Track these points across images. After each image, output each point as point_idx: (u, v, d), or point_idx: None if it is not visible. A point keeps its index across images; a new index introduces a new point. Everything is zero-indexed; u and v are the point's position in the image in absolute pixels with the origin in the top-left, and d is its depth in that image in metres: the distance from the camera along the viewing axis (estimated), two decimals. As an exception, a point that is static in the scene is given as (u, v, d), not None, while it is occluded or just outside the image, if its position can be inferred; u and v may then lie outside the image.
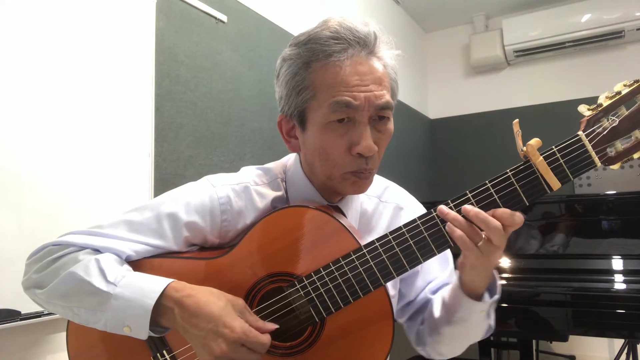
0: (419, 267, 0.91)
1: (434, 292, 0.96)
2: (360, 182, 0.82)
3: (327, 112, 0.78)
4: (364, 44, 0.79)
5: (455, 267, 0.82)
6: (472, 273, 0.77)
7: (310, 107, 0.80)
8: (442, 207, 0.73)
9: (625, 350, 2.59)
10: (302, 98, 0.80)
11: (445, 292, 0.88)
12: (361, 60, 0.78)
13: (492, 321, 0.87)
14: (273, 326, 0.76)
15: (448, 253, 0.96)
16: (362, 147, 0.78)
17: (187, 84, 1.81)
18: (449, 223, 0.73)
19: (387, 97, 0.79)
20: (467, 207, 0.72)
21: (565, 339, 2.08)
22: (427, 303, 0.96)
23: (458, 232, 0.71)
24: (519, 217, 0.71)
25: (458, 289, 0.81)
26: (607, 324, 1.90)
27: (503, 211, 0.71)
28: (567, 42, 3.55)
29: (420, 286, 0.96)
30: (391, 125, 0.83)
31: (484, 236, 0.71)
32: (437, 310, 0.89)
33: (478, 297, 0.80)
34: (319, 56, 0.78)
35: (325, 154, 0.81)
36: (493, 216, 0.70)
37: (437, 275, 0.97)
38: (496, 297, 0.82)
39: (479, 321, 0.84)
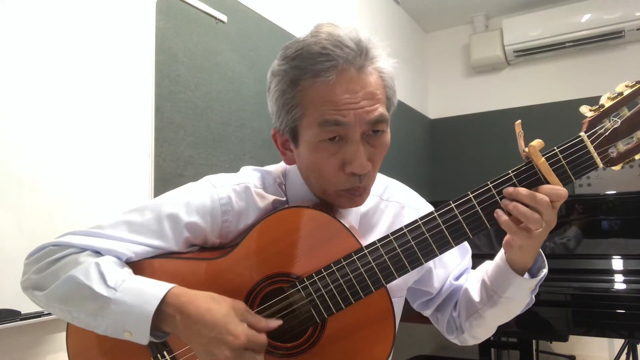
0: (433, 261, 0.92)
1: (457, 278, 0.97)
2: (355, 199, 0.81)
3: (317, 131, 0.76)
4: (354, 57, 0.75)
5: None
6: (521, 253, 0.77)
7: (301, 125, 0.78)
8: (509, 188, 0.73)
9: (625, 350, 2.59)
10: (292, 116, 0.78)
11: (484, 275, 0.88)
12: (351, 76, 0.74)
13: (534, 294, 0.87)
14: (277, 323, 0.76)
15: (465, 243, 0.96)
16: (355, 165, 0.76)
17: (187, 84, 1.81)
18: (497, 211, 0.72)
19: (381, 109, 0.76)
20: (509, 188, 0.72)
21: (565, 339, 2.08)
22: (454, 291, 0.97)
23: (503, 217, 0.72)
24: (563, 190, 0.71)
25: (506, 268, 0.81)
26: (607, 324, 1.90)
27: (549, 187, 0.71)
28: (567, 42, 3.55)
29: (443, 277, 0.97)
30: (387, 137, 0.81)
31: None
32: (476, 295, 0.89)
33: (524, 274, 0.81)
34: (306, 75, 0.75)
35: (318, 172, 0.79)
36: (539, 192, 0.71)
37: (458, 263, 0.98)
38: (545, 271, 0.82)
39: (524, 297, 0.84)
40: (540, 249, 0.81)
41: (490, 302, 0.86)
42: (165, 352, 0.82)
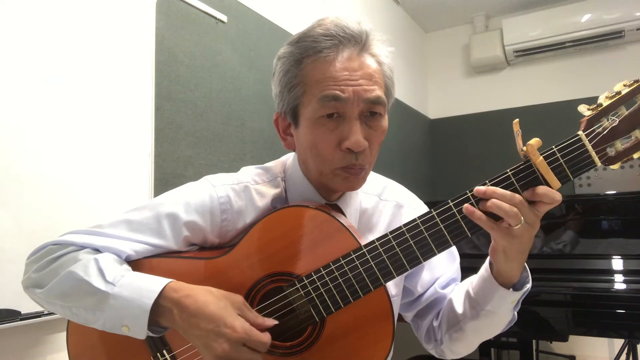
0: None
1: (444, 287, 0.96)
2: (351, 178, 0.81)
3: (317, 107, 0.78)
4: (356, 41, 0.79)
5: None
6: (505, 260, 0.77)
7: (302, 103, 0.81)
8: (479, 187, 0.73)
9: (625, 350, 2.59)
10: (294, 95, 0.81)
11: (469, 286, 0.87)
12: (352, 56, 0.79)
13: (516, 311, 0.86)
14: (272, 322, 0.76)
15: (454, 249, 0.96)
16: (351, 142, 0.77)
17: (187, 84, 1.81)
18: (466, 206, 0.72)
19: (378, 92, 0.79)
20: (480, 188, 0.72)
21: (565, 339, 2.08)
22: (438, 299, 0.96)
23: (478, 213, 0.72)
24: (558, 195, 0.70)
25: (491, 280, 0.80)
26: (607, 324, 1.90)
27: (545, 189, 0.70)
28: (567, 42, 3.55)
29: (428, 281, 0.96)
30: (384, 122, 0.83)
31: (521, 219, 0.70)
32: (459, 306, 0.88)
33: (509, 287, 0.80)
34: (309, 52, 0.79)
35: (316, 150, 0.81)
36: (535, 193, 0.70)
37: (444, 271, 0.97)
38: (528, 285, 0.81)
39: (507, 312, 0.83)
40: (526, 264, 0.80)
41: (472, 313, 0.85)
42: (164, 351, 0.83)
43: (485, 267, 0.83)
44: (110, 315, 0.74)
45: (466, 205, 0.73)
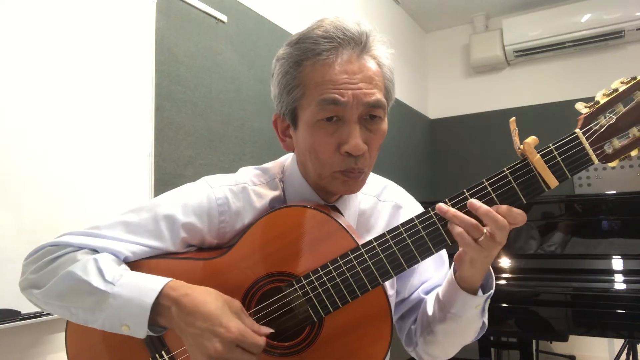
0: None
1: (427, 292, 0.95)
2: (350, 182, 0.81)
3: (316, 110, 0.77)
4: (355, 43, 0.78)
5: (452, 261, 0.82)
6: (470, 267, 0.77)
7: (301, 105, 0.80)
8: (441, 205, 0.73)
9: (625, 350, 2.59)
10: (293, 97, 0.80)
11: (439, 289, 0.87)
12: (351, 59, 0.78)
13: (485, 318, 0.86)
14: (268, 330, 0.76)
15: (444, 253, 0.96)
16: (350, 145, 0.77)
17: (187, 84, 1.81)
18: (449, 221, 0.72)
19: (378, 95, 0.78)
20: (475, 203, 0.71)
21: (565, 339, 2.08)
22: (420, 303, 0.95)
23: (458, 229, 0.71)
24: (521, 214, 0.70)
25: (454, 283, 0.80)
26: (607, 324, 1.90)
27: (506, 208, 0.70)
28: (567, 42, 3.55)
29: (415, 284, 0.96)
30: (384, 125, 0.82)
31: (485, 232, 0.70)
32: (430, 308, 0.88)
33: (474, 292, 0.80)
34: (308, 55, 0.78)
35: (315, 153, 0.80)
36: (498, 211, 0.70)
37: (432, 276, 0.96)
38: (491, 291, 0.81)
39: (473, 318, 0.83)
40: (491, 270, 0.80)
41: (440, 316, 0.85)
42: (163, 352, 0.82)
43: (451, 271, 0.83)
44: (109, 315, 0.74)
45: (439, 205, 0.73)
